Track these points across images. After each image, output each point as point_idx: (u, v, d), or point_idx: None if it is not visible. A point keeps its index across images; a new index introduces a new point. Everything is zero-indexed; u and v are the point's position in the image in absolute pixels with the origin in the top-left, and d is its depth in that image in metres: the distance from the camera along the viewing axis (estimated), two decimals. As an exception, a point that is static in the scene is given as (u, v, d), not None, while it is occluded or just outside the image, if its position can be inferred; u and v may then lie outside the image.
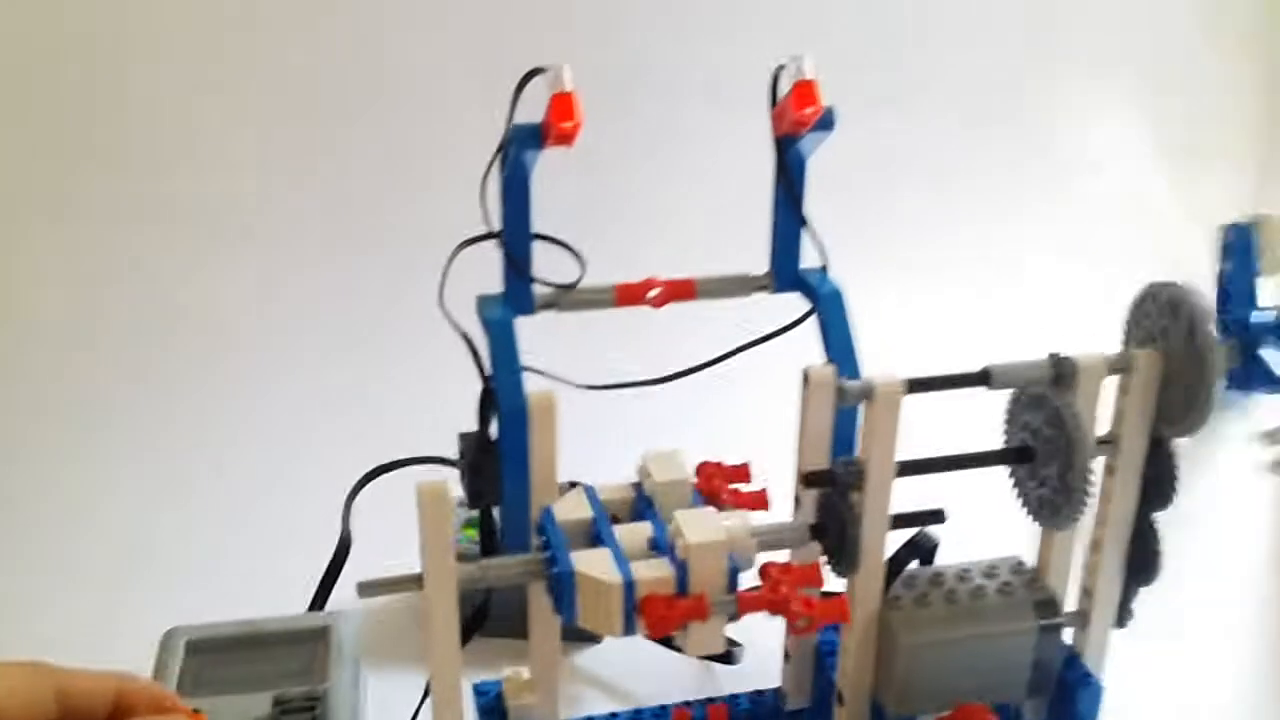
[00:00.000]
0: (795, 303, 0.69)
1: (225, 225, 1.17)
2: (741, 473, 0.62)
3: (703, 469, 0.62)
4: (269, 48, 1.18)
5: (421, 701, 0.64)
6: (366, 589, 0.55)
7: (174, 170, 1.17)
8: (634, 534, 0.57)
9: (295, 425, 1.03)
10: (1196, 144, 1.29)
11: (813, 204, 0.66)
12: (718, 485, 0.61)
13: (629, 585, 0.53)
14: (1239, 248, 0.58)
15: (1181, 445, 0.61)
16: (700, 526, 0.54)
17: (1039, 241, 1.19)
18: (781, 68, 0.61)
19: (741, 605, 0.54)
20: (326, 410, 1.05)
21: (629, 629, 0.54)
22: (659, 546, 0.56)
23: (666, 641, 0.79)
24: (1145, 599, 0.65)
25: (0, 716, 0.50)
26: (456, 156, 0.65)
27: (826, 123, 0.62)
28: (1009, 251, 1.18)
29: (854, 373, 0.64)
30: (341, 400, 1.06)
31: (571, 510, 0.58)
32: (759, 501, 0.62)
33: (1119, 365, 0.59)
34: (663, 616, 0.53)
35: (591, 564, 0.54)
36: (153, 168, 1.17)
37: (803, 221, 0.66)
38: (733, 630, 0.79)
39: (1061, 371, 0.58)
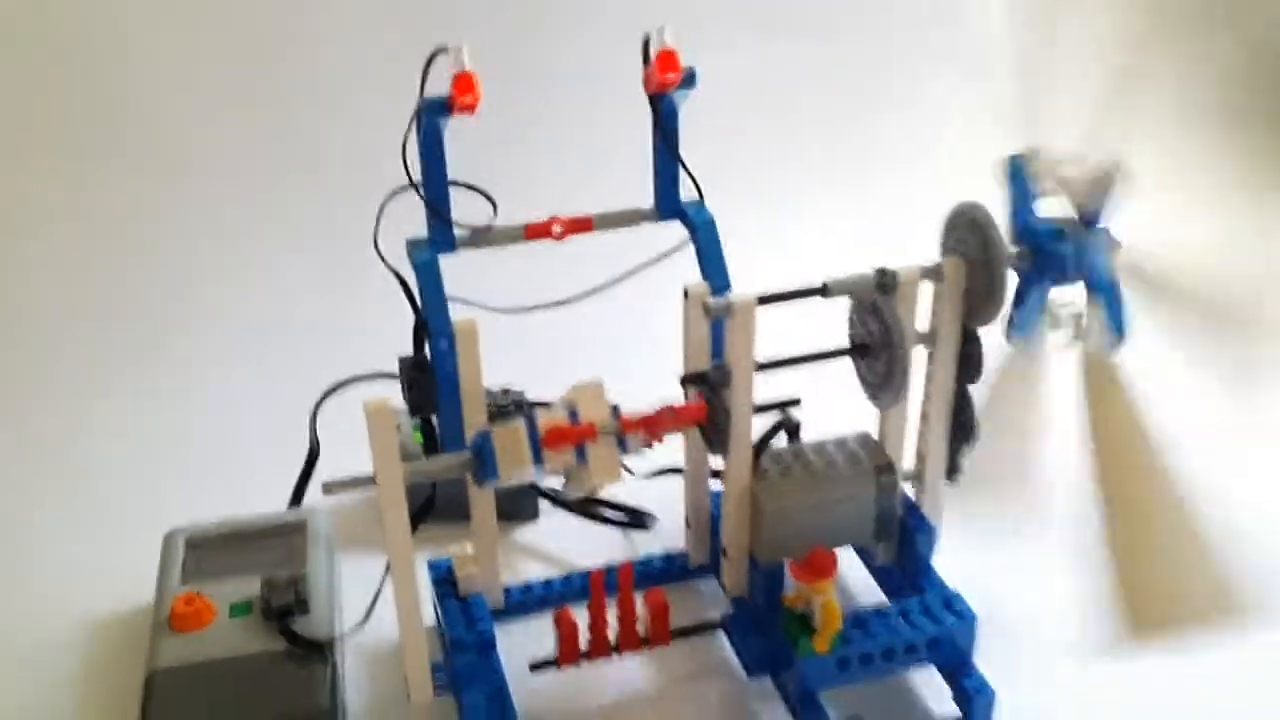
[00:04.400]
0: (681, 230, 0.82)
1: (213, 184, 1.28)
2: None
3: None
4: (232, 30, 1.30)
5: (384, 578, 0.77)
6: (329, 488, 0.68)
7: (142, 132, 1.27)
8: None
9: (269, 351, 1.15)
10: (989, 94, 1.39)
11: (690, 138, 0.78)
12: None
13: (531, 422, 0.66)
14: (1018, 174, 0.72)
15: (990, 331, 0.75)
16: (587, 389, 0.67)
17: (884, 178, 1.33)
18: (649, 36, 0.73)
19: (625, 427, 0.68)
20: (295, 337, 1.16)
21: (537, 459, 0.67)
22: None
23: (587, 512, 0.94)
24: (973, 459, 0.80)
25: None
26: (388, 120, 0.76)
27: (689, 81, 0.74)
28: (861, 180, 1.32)
29: (726, 289, 0.77)
30: (307, 329, 1.17)
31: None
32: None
33: (932, 273, 0.73)
34: (560, 437, 0.66)
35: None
36: (119, 127, 1.27)
37: (678, 162, 0.78)
38: (648, 504, 0.94)
39: (885, 281, 0.71)
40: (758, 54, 1.35)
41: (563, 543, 0.94)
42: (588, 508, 0.94)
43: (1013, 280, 0.73)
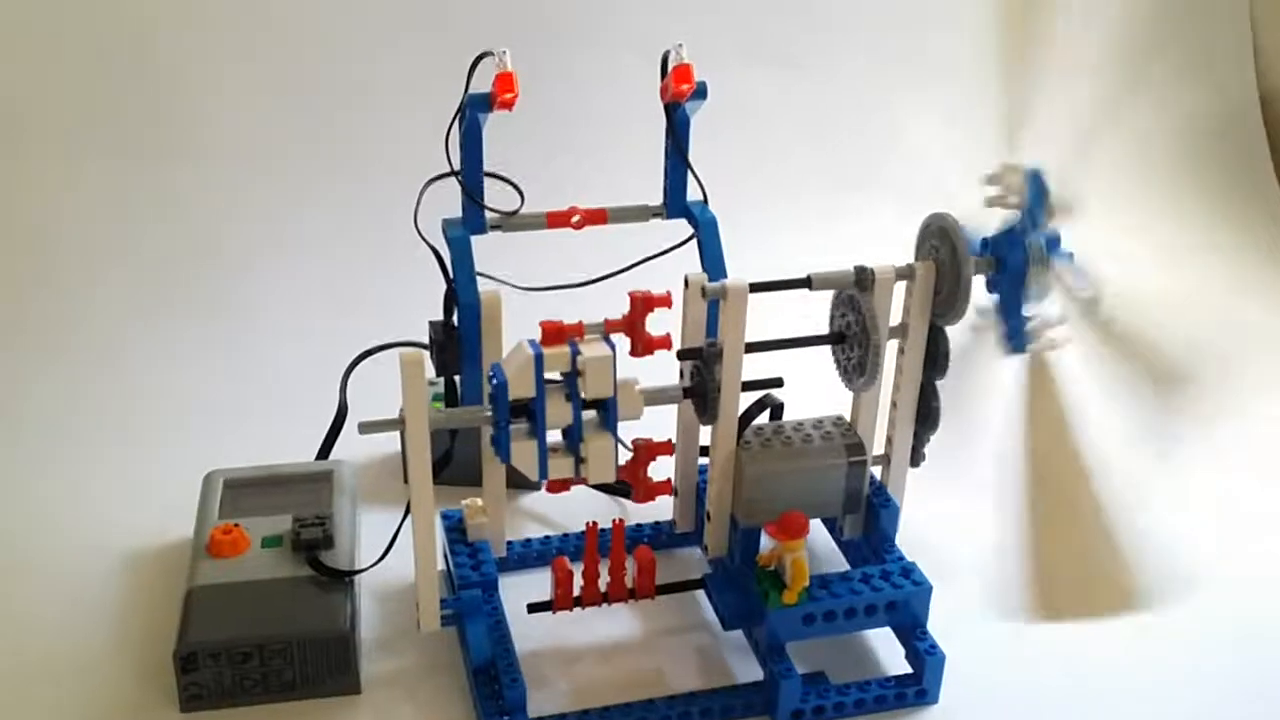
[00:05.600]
0: (684, 226, 0.91)
1: (274, 173, 1.38)
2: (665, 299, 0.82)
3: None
4: (279, 37, 1.39)
5: (404, 517, 0.84)
6: (366, 427, 0.76)
7: (202, 122, 1.37)
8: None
9: (309, 319, 1.26)
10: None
11: (698, 145, 0.88)
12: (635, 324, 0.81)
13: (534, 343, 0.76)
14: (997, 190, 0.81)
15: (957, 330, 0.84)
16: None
17: (869, 187, 1.45)
18: (668, 52, 0.83)
19: (608, 327, 0.78)
20: (331, 306, 1.27)
21: (538, 364, 0.74)
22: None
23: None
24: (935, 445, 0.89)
25: None
26: (429, 117, 0.86)
27: (701, 93, 0.84)
28: (849, 188, 1.45)
29: (721, 278, 0.86)
30: (342, 300, 1.28)
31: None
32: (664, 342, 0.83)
33: (905, 273, 0.82)
34: (556, 332, 0.76)
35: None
36: (181, 116, 1.36)
37: (688, 166, 0.88)
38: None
39: (863, 278, 0.81)
40: (761, 74, 1.48)
41: (560, 510, 1.03)
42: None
43: (979, 285, 0.83)
